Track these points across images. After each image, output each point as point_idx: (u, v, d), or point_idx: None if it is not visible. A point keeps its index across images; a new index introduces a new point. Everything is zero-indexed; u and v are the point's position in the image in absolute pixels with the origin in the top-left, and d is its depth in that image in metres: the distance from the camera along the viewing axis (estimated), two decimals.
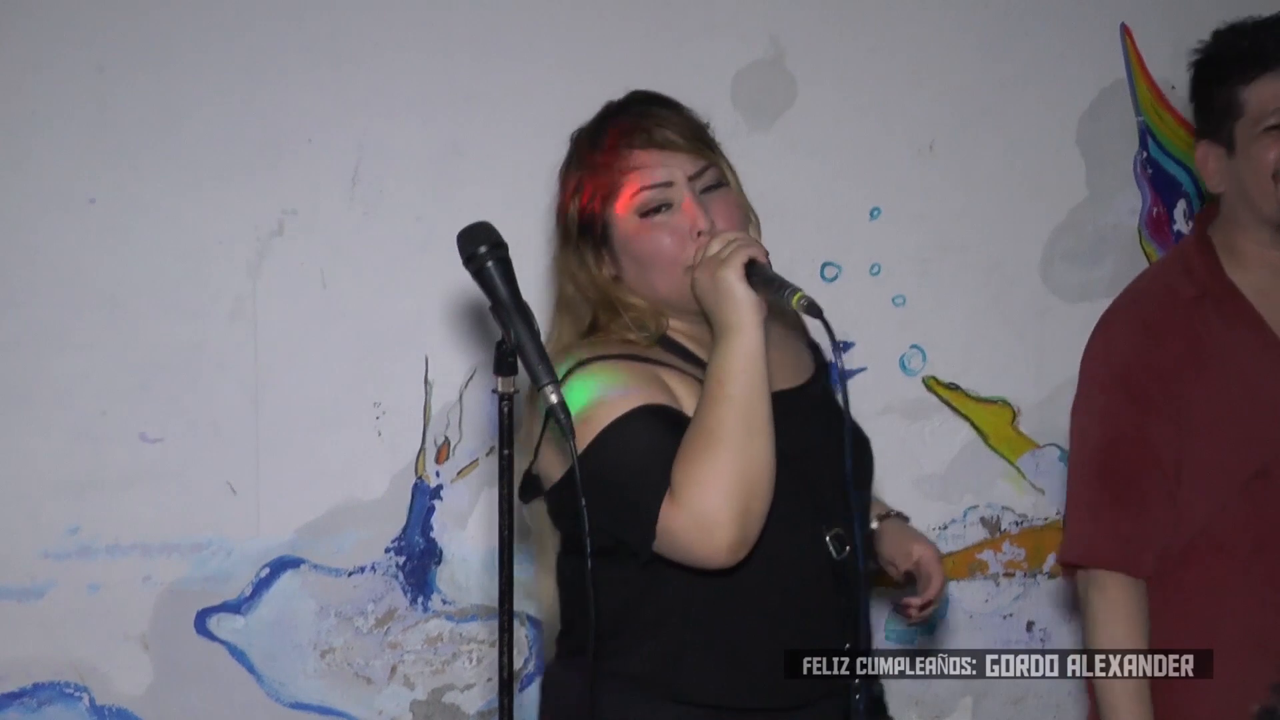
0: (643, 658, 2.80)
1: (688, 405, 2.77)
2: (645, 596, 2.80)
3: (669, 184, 2.82)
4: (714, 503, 2.63)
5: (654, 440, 2.69)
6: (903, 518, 3.08)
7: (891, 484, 4.18)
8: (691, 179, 2.83)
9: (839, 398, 2.80)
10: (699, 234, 2.79)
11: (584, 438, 2.66)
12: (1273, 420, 3.12)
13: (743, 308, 2.69)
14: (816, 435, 2.85)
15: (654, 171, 2.82)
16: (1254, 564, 3.14)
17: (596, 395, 2.70)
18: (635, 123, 2.87)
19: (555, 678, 2.96)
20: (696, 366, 2.83)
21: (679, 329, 2.88)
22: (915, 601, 2.91)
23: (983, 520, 4.32)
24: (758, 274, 2.71)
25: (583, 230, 2.87)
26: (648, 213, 2.81)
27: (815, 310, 2.65)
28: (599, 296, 2.88)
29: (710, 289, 2.72)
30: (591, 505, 2.57)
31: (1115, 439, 3.16)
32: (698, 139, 2.88)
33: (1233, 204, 3.17)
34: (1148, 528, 3.14)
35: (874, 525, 3.03)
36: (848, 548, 2.82)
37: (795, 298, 2.66)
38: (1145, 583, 3.16)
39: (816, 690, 2.83)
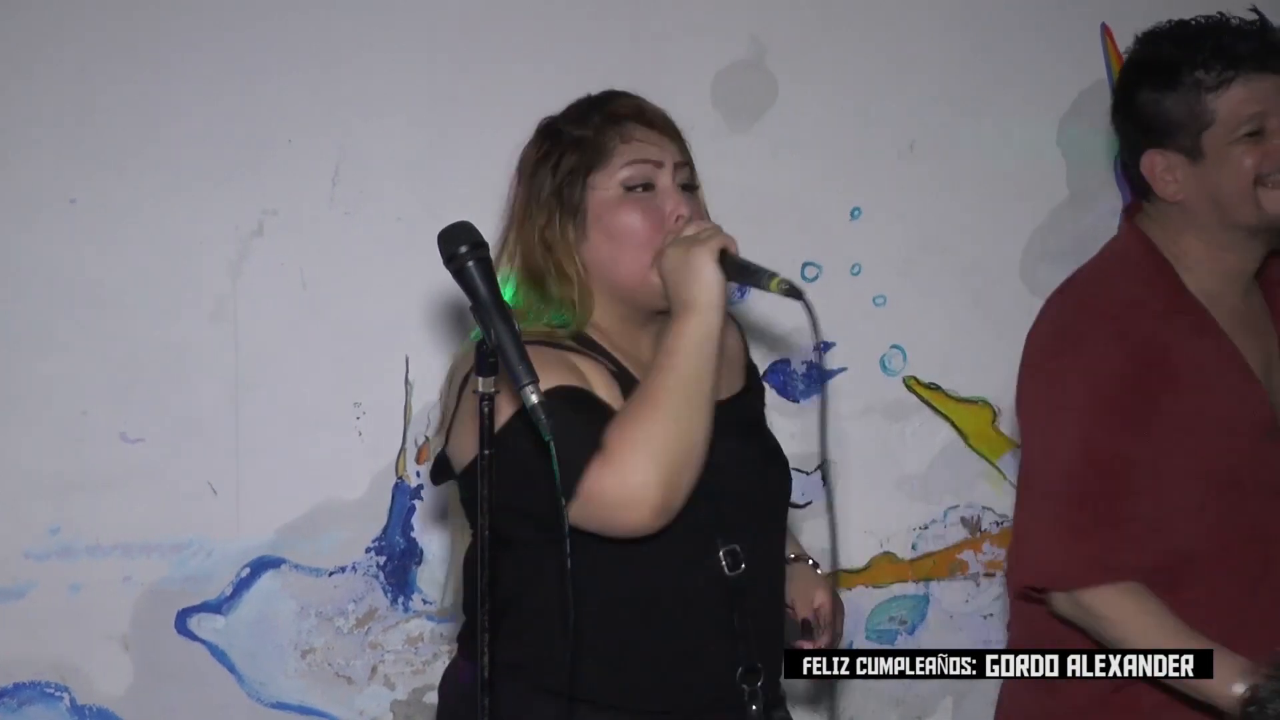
0: (522, 647, 2.79)
1: (602, 392, 2.79)
2: (531, 587, 2.79)
3: (659, 164, 2.86)
4: (644, 465, 2.64)
5: (571, 413, 2.67)
6: (813, 564, 3.11)
7: (872, 484, 4.20)
8: (676, 167, 2.87)
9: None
10: (676, 219, 2.83)
11: (500, 417, 2.63)
12: (1238, 430, 3.11)
13: (709, 288, 2.72)
14: (734, 450, 2.85)
15: (647, 149, 2.86)
16: (1228, 572, 3.11)
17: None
18: (633, 104, 2.92)
19: (452, 674, 2.96)
20: (610, 364, 2.85)
21: (601, 327, 2.88)
22: (807, 646, 2.94)
23: (963, 520, 4.32)
24: (731, 261, 2.74)
25: (555, 196, 2.87)
26: (632, 188, 2.85)
27: (795, 293, 2.69)
28: (549, 265, 2.86)
29: (680, 266, 2.74)
30: (508, 484, 2.57)
31: (1095, 458, 3.04)
32: (682, 137, 2.93)
33: (1194, 211, 3.11)
34: (1129, 549, 3.03)
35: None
36: (743, 565, 2.82)
37: (774, 282, 2.69)
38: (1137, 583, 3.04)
39: (702, 701, 2.83)
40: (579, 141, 2.88)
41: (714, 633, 2.82)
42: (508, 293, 2.83)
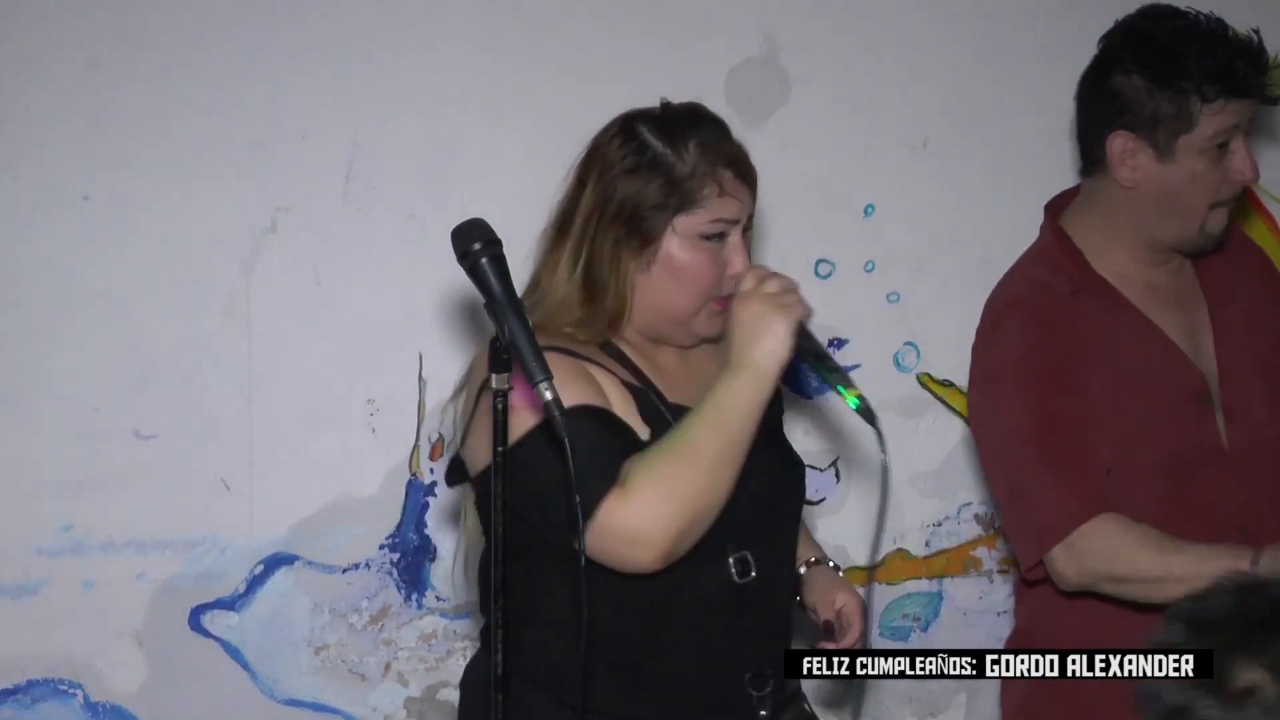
0: (533, 657, 2.80)
1: (617, 407, 2.78)
2: (543, 599, 2.81)
3: (736, 222, 2.84)
4: (665, 510, 2.66)
5: (595, 438, 2.68)
6: (833, 565, 3.09)
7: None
8: (748, 219, 2.88)
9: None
10: (733, 275, 2.82)
11: (520, 426, 2.66)
12: (1167, 404, 3.20)
13: (774, 355, 2.72)
14: (751, 457, 2.83)
15: (733, 206, 2.83)
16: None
17: None
18: (731, 150, 2.88)
19: (473, 672, 2.98)
20: (631, 375, 2.85)
21: (627, 339, 2.89)
22: (829, 647, 2.88)
23: (976, 517, 4.32)
24: (808, 341, 2.76)
25: (631, 220, 2.82)
26: (708, 238, 2.83)
27: (869, 417, 2.74)
28: (603, 282, 2.84)
29: (756, 322, 2.73)
30: (518, 496, 2.57)
31: (1042, 420, 3.16)
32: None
33: (1141, 200, 3.17)
34: (1094, 492, 3.13)
35: (801, 570, 3.04)
36: (752, 573, 2.83)
37: (849, 394, 2.74)
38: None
39: (712, 707, 2.83)
40: (673, 178, 2.81)
41: (722, 639, 2.82)
42: (558, 290, 2.85)
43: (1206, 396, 3.24)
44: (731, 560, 2.81)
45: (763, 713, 2.83)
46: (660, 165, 2.82)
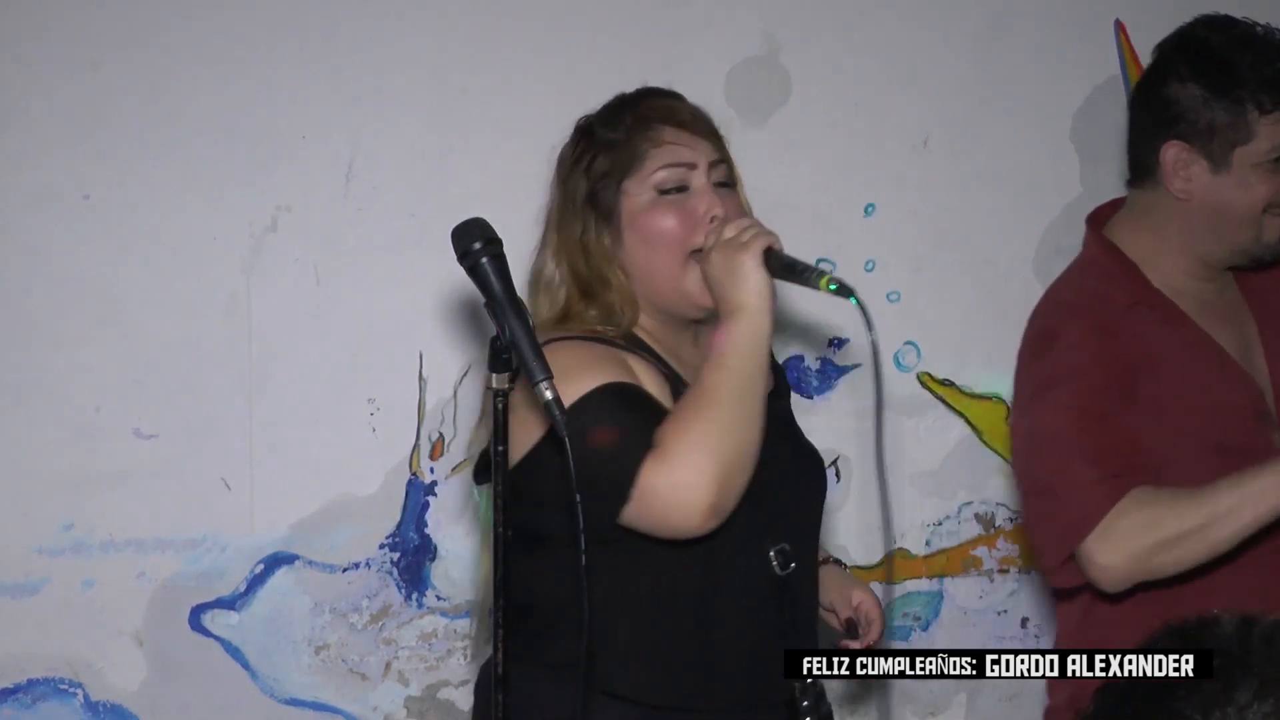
0: (571, 649, 2.72)
1: (654, 390, 2.78)
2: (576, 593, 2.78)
3: (692, 166, 2.84)
4: (700, 462, 2.64)
5: (625, 412, 2.69)
6: (840, 564, 3.12)
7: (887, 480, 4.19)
8: (711, 166, 2.85)
9: (878, 395, 2.90)
10: (712, 219, 2.81)
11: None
12: (1229, 421, 3.11)
13: (756, 292, 2.71)
14: (775, 450, 2.83)
15: (680, 151, 2.84)
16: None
17: (561, 372, 2.56)
18: (664, 104, 2.90)
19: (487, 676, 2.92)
20: (661, 364, 2.84)
21: (646, 328, 2.88)
22: (854, 645, 2.93)
23: (977, 516, 4.32)
24: (776, 260, 2.73)
25: (590, 203, 2.86)
26: (665, 191, 2.83)
27: (846, 291, 2.69)
28: (590, 272, 2.86)
29: (725, 270, 2.72)
30: (548, 481, 2.61)
31: (1094, 423, 3.01)
32: (717, 133, 2.91)
33: (1194, 212, 3.12)
34: (1134, 484, 2.98)
35: None
36: (793, 564, 2.83)
37: (823, 281, 2.69)
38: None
39: (757, 698, 2.83)
40: (610, 145, 2.86)
41: (766, 631, 2.82)
42: (550, 298, 2.86)
43: (1264, 413, 3.16)
44: (773, 553, 2.82)
45: (805, 703, 2.84)
46: (599, 142, 2.87)
